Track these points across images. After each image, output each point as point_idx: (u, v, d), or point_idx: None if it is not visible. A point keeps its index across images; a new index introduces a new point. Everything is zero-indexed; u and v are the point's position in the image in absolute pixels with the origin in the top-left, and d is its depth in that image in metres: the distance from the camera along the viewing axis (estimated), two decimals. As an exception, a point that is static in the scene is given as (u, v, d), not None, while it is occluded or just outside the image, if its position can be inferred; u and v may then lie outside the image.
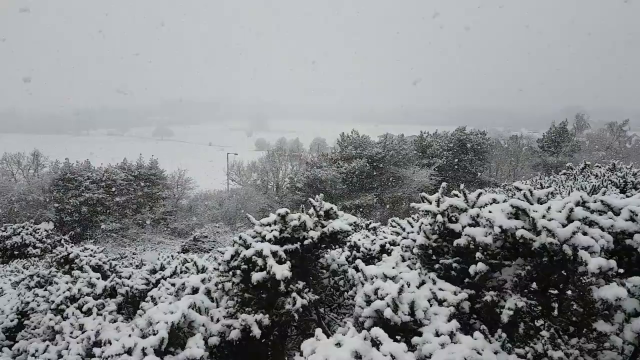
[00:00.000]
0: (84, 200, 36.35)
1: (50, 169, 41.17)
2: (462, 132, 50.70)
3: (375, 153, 43.72)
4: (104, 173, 38.93)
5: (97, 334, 4.88)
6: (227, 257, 4.21)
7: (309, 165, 45.23)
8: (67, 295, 6.03)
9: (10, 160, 44.33)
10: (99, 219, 36.87)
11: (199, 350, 3.12)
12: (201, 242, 31.34)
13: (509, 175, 53.84)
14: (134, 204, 39.72)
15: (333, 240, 4.31)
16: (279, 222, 4.28)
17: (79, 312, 5.80)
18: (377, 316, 3.31)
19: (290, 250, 4.06)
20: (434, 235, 3.94)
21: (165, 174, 43.41)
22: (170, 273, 6.42)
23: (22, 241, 17.29)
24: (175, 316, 3.24)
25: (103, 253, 8.36)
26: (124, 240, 36.04)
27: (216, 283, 4.50)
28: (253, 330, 3.61)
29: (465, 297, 3.51)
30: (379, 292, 3.36)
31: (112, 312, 5.93)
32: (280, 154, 53.82)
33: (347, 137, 46.20)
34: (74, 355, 4.76)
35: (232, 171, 52.78)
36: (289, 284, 3.83)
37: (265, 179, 52.30)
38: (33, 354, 5.04)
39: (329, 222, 4.25)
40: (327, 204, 4.40)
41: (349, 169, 42.55)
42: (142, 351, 2.99)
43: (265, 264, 3.84)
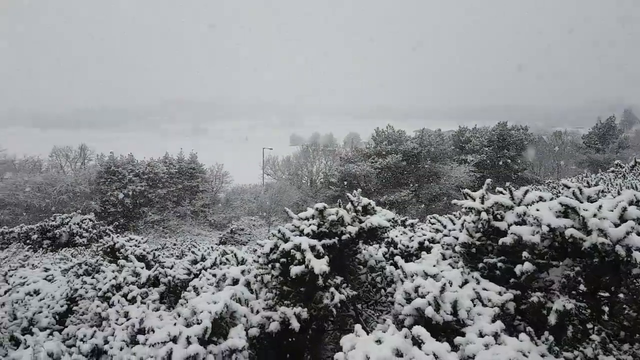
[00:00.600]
0: (127, 192, 37.70)
1: (96, 162, 42.93)
2: (503, 127, 49.25)
3: (411, 148, 43.11)
4: (147, 166, 40.22)
5: (141, 322, 5.02)
6: (267, 250, 4.26)
7: (343, 160, 45.16)
8: (113, 284, 6.26)
9: (59, 154, 46.62)
10: (141, 211, 38.18)
11: (240, 341, 3.17)
12: (238, 235, 31.93)
13: (552, 172, 51.97)
14: (174, 197, 40.89)
15: (371, 236, 4.29)
16: (316, 216, 4.29)
17: (124, 300, 6.02)
18: (417, 314, 3.27)
19: (328, 244, 4.06)
20: (477, 234, 3.84)
21: (204, 167, 44.45)
22: (210, 264, 6.56)
23: (69, 230, 18.06)
24: (218, 306, 3.31)
25: (147, 243, 8.62)
26: (164, 231, 37.18)
27: (255, 275, 4.57)
28: (292, 323, 3.65)
29: (510, 297, 3.41)
30: (420, 290, 3.31)
31: (155, 301, 6.12)
32: (314, 149, 54.05)
33: (382, 132, 45.76)
34: (119, 342, 4.89)
35: (267, 166, 53.47)
36: (327, 279, 3.84)
37: (299, 174, 52.69)
38: (81, 338, 5.14)
39: (366, 218, 4.23)
40: (365, 199, 4.37)
41: (383, 164, 42.15)
42: (186, 340, 3.07)
43: (304, 258, 3.85)
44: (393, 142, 43.79)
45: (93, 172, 39.73)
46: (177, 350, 2.99)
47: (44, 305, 6.48)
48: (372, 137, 47.25)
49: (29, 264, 11.82)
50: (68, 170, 45.82)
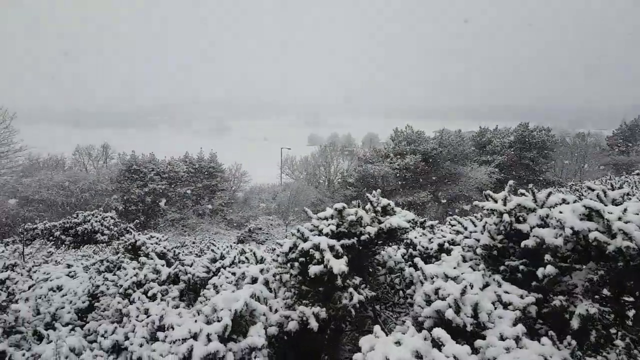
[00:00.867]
0: (148, 190, 38.32)
1: (118, 161, 43.72)
2: (525, 129, 48.43)
3: (431, 149, 42.73)
4: (167, 165, 40.83)
5: (160, 319, 5.07)
6: (286, 249, 4.27)
7: (361, 161, 45.01)
8: (134, 281, 6.34)
9: (82, 152, 47.65)
10: (161, 209, 38.75)
11: (260, 339, 3.20)
12: (255, 234, 32.15)
13: (575, 174, 50.92)
14: (194, 195, 41.38)
15: (390, 237, 4.27)
16: (335, 216, 4.29)
17: (144, 297, 6.08)
18: (437, 317, 3.25)
19: (347, 245, 4.06)
20: (499, 236, 3.79)
21: (223, 167, 44.90)
22: (229, 262, 6.61)
23: (91, 228, 18.39)
24: (238, 304, 3.34)
25: (167, 241, 8.74)
26: (184, 229, 37.67)
27: (274, 274, 4.59)
28: (310, 322, 3.65)
29: (532, 300, 3.36)
30: (440, 292, 3.28)
31: (175, 298, 6.17)
32: (332, 149, 54.09)
33: (401, 132, 45.47)
34: (139, 338, 4.93)
35: (285, 165, 53.72)
36: (345, 279, 3.84)
37: (317, 174, 52.78)
38: (102, 334, 5.20)
39: (386, 218, 4.21)
40: (384, 200, 4.35)
41: (402, 164, 41.87)
42: (207, 337, 3.11)
43: (323, 258, 3.86)
44: (412, 143, 43.47)
45: (115, 171, 40.49)
46: (197, 348, 3.02)
47: (66, 301, 6.56)
48: (390, 137, 47.00)
49: (52, 260, 12.08)
50: (91, 168, 46.85)
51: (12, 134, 38.87)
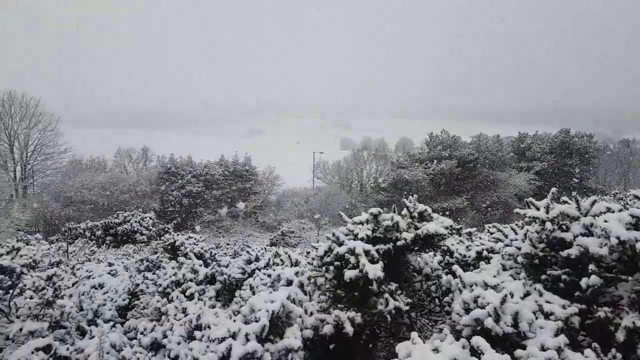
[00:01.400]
0: (185, 192, 39.29)
1: (157, 163, 45.04)
2: (566, 135, 46.86)
3: (467, 154, 41.92)
4: (204, 168, 41.76)
5: (198, 318, 5.15)
6: (321, 253, 4.29)
7: (394, 165, 44.62)
8: (172, 280, 6.50)
9: (123, 155, 49.38)
10: (198, 211, 39.65)
11: (296, 341, 3.23)
12: (288, 237, 32.33)
13: (619, 182, 48.81)
14: (228, 198, 42.13)
15: (427, 243, 4.22)
16: (371, 221, 4.28)
17: (182, 296, 6.22)
18: (476, 325, 3.19)
19: (383, 250, 4.04)
20: (541, 244, 3.70)
21: (257, 170, 45.53)
22: (264, 264, 6.69)
23: (131, 228, 19.01)
24: (276, 305, 3.39)
25: (204, 242, 8.92)
26: (218, 231, 38.38)
27: (309, 277, 4.62)
28: (346, 327, 3.66)
29: (575, 311, 3.25)
30: (479, 300, 3.23)
31: (211, 298, 6.29)
32: (365, 154, 53.90)
33: (436, 137, 44.86)
34: (177, 336, 5.00)
35: (318, 169, 53.89)
36: (381, 284, 3.82)
37: (349, 178, 52.68)
38: (142, 332, 5.28)
39: (422, 224, 4.17)
40: (421, 206, 4.31)
41: (437, 170, 41.28)
42: (245, 336, 3.16)
43: (358, 262, 3.86)
44: (447, 148, 42.79)
45: (154, 173, 41.73)
46: (236, 347, 3.08)
47: (107, 299, 6.67)
48: (425, 142, 46.45)
49: (94, 258, 12.51)
50: (131, 170, 48.47)
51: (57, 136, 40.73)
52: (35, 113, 39.09)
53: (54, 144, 40.65)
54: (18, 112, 38.42)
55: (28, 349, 4.36)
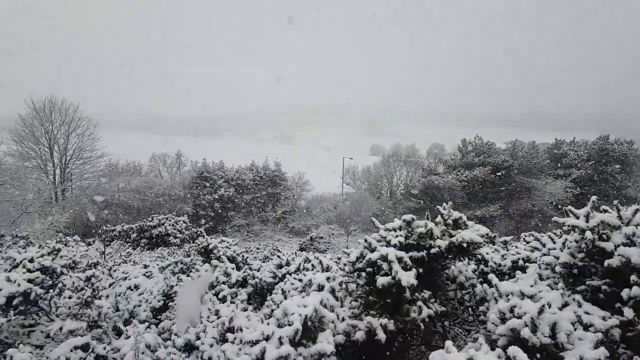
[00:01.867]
0: (217, 197, 39.97)
1: (190, 168, 46.00)
2: (605, 141, 45.20)
3: (502, 161, 40.95)
4: (235, 173, 42.41)
5: (230, 321, 5.22)
6: (353, 259, 4.29)
7: (425, 172, 44.06)
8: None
9: (157, 159, 50.72)
10: (229, 215, 40.25)
11: (329, 346, 3.24)
12: (317, 242, 32.36)
13: (661, 191, 46.61)
14: (259, 203, 42.59)
15: (461, 252, 4.16)
16: (404, 228, 4.26)
17: (215, 299, 6.32)
18: (512, 335, 3.12)
19: (416, 257, 4.00)
20: (580, 254, 3.59)
21: (286, 175, 45.88)
22: (294, 269, 6.73)
23: (165, 231, 19.44)
24: (308, 310, 3.41)
25: (236, 246, 9.06)
26: (249, 235, 38.83)
27: (340, 283, 4.62)
28: (378, 334, 3.64)
29: (615, 323, 3.14)
30: (516, 310, 3.16)
31: (243, 301, 6.35)
32: (395, 159, 53.46)
33: (469, 142, 44.05)
34: (210, 338, 5.05)
35: (347, 175, 53.79)
36: (414, 292, 3.79)
37: (378, 184, 52.35)
38: (176, 333, 5.34)
39: (457, 232, 4.11)
40: (456, 213, 4.26)
41: (470, 177, 40.50)
42: (278, 340, 3.20)
43: (390, 269, 3.84)
44: (481, 154, 41.94)
45: (187, 177, 42.62)
46: (269, 350, 3.12)
47: (142, 300, 6.76)
48: (457, 148, 45.67)
49: (130, 260, 12.84)
50: (165, 174, 49.66)
51: (95, 141, 42.17)
52: (74, 118, 40.62)
53: (92, 148, 42.10)
54: (58, 118, 40.00)
55: (67, 347, 4.45)
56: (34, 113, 38.90)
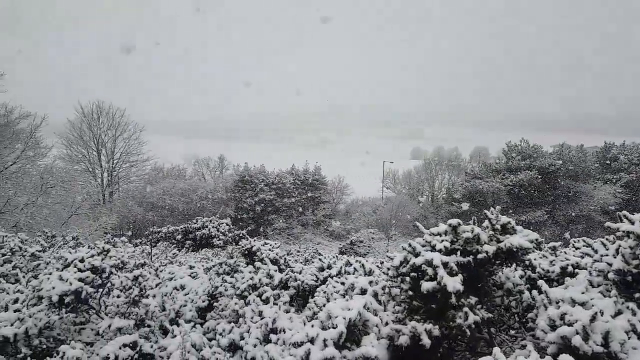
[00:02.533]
0: (258, 200, 40.64)
1: (233, 171, 47.04)
2: (659, 143, 42.65)
3: (549, 165, 39.43)
4: (276, 177, 42.98)
5: (273, 322, 5.29)
6: (396, 263, 4.28)
7: (469, 176, 43.02)
8: (250, 284, 6.73)
9: (201, 163, 52.18)
10: (269, 218, 40.83)
11: (373, 350, 3.25)
12: (357, 246, 32.24)
13: None
14: (299, 206, 42.97)
15: (509, 257, 4.07)
16: (449, 232, 4.21)
17: (258, 300, 6.42)
18: (562, 343, 3.04)
19: (462, 263, 3.95)
20: (635, 260, 3.45)
21: (326, 179, 46.06)
22: (336, 272, 6.77)
23: (208, 233, 19.98)
24: (352, 313, 3.44)
25: (279, 248, 9.19)
26: (289, 238, 39.22)
27: (383, 287, 4.62)
28: (423, 339, 3.62)
29: (675, 334, 3.00)
30: (567, 317, 3.07)
31: (286, 303, 6.43)
32: (436, 163, 52.58)
33: (515, 146, 42.65)
34: (253, 339, 5.10)
35: (387, 179, 53.38)
36: (460, 298, 3.74)
37: (419, 189, 51.64)
38: (220, 333, 5.42)
39: (505, 237, 4.03)
40: (504, 218, 4.17)
41: (515, 181, 39.21)
42: (323, 342, 3.24)
43: (435, 274, 3.81)
44: (527, 158, 40.51)
45: (229, 181, 43.56)
46: (314, 352, 3.16)
47: (188, 300, 6.89)
48: (502, 151, 44.33)
49: (176, 261, 13.24)
50: (208, 178, 50.99)
51: (141, 145, 43.81)
52: (121, 122, 42.34)
53: (138, 152, 43.79)
54: (105, 122, 41.82)
55: (116, 345, 4.57)
56: (82, 117, 40.85)
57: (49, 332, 5.25)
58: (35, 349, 5.03)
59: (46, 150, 23.79)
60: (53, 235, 13.58)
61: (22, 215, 19.95)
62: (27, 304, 5.53)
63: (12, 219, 19.64)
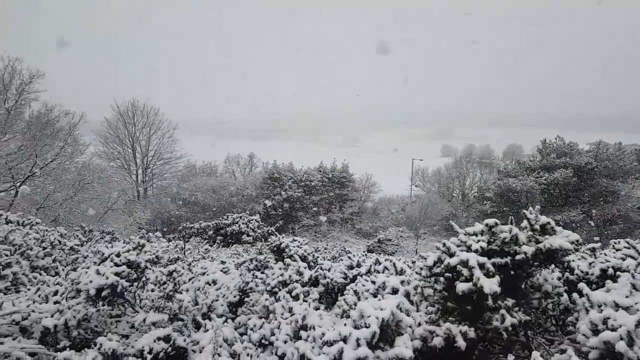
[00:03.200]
0: (286, 197, 40.93)
1: (262, 169, 47.54)
2: None
3: (585, 163, 38.14)
4: (304, 174, 43.18)
5: (303, 318, 5.30)
6: (430, 263, 4.21)
7: (501, 174, 42.06)
8: (280, 280, 6.78)
9: (232, 161, 52.95)
10: (297, 215, 41.08)
11: (407, 351, 3.21)
12: (385, 245, 32.08)
13: None
14: (326, 203, 43.06)
15: (548, 259, 3.94)
16: (486, 232, 4.11)
17: (288, 296, 6.46)
18: (605, 348, 2.93)
19: (499, 264, 3.85)
20: (685, 265, 3.28)
21: (354, 177, 45.94)
22: (365, 271, 6.72)
23: (238, 229, 20.23)
24: (386, 313, 3.40)
25: (307, 245, 9.19)
26: (316, 235, 39.34)
27: (415, 287, 4.55)
28: (457, 341, 3.55)
29: None
30: (610, 322, 2.95)
31: (315, 300, 6.45)
32: (467, 161, 51.63)
33: (550, 143, 41.46)
34: (284, 335, 5.11)
35: (416, 177, 52.78)
36: (496, 300, 3.65)
37: (450, 187, 50.85)
38: (251, 328, 5.47)
39: (544, 238, 3.90)
40: (544, 218, 4.04)
41: (550, 179, 38.10)
42: (356, 341, 3.22)
43: (471, 275, 3.72)
44: (562, 156, 39.31)
45: (258, 178, 44.07)
46: (347, 351, 3.15)
47: (220, 295, 6.98)
48: (537, 149, 43.14)
49: (208, 256, 13.46)
50: (238, 175, 51.71)
51: (174, 143, 44.77)
52: (155, 121, 43.38)
53: (171, 149, 44.80)
54: (140, 120, 42.92)
55: (151, 338, 4.64)
56: (118, 116, 42.06)
57: (87, 324, 5.40)
58: (74, 340, 5.18)
59: (84, 148, 24.62)
60: (90, 230, 14.01)
61: (61, 210, 20.71)
62: (66, 296, 5.72)
63: (51, 213, 20.41)
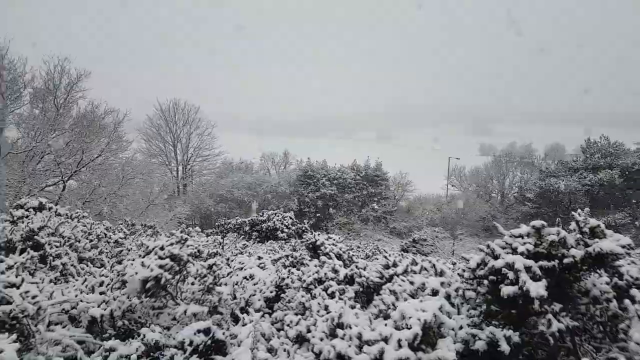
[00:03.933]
0: (320, 195, 41.06)
1: (296, 166, 47.89)
2: None
3: (632, 164, 36.44)
4: (337, 172, 43.20)
5: (339, 317, 5.28)
6: (473, 265, 4.11)
7: (543, 174, 40.72)
8: (315, 277, 6.79)
9: (267, 158, 53.61)
10: (330, 212, 41.17)
11: (450, 354, 3.14)
12: (420, 245, 31.59)
13: None
14: (359, 202, 42.92)
15: (597, 263, 3.77)
16: (532, 235, 3.97)
17: (324, 294, 6.46)
18: (663, 361, 2.76)
19: (546, 267, 3.71)
20: None
21: (387, 175, 45.56)
22: (402, 271, 6.64)
23: (273, 225, 20.42)
24: (428, 315, 3.34)
25: (342, 243, 9.20)
26: (349, 233, 39.26)
27: (457, 289, 4.45)
28: (501, 345, 3.44)
29: None
30: (668, 332, 2.79)
31: (351, 299, 6.42)
32: (507, 160, 50.12)
33: (594, 143, 39.86)
34: (320, 332, 5.09)
35: (453, 176, 51.73)
36: (543, 304, 3.52)
37: (488, 186, 49.57)
38: (288, 324, 5.46)
39: (594, 241, 3.73)
40: (593, 220, 3.86)
41: (594, 180, 36.62)
42: (397, 342, 3.18)
43: (517, 278, 3.60)
44: (607, 156, 37.73)
45: (293, 175, 44.46)
46: (388, 351, 3.11)
47: (257, 290, 7.08)
48: (581, 148, 41.55)
49: (246, 251, 13.67)
50: (273, 172, 52.29)
51: (213, 140, 45.73)
52: (195, 119, 44.48)
53: (210, 147, 45.82)
54: (181, 118, 44.12)
55: (191, 330, 4.66)
56: (160, 114, 43.39)
57: (131, 314, 5.56)
58: (119, 330, 5.35)
59: (127, 144, 25.49)
60: (133, 224, 14.47)
61: (105, 204, 21.51)
62: (111, 287, 5.91)
63: (96, 207, 21.23)
